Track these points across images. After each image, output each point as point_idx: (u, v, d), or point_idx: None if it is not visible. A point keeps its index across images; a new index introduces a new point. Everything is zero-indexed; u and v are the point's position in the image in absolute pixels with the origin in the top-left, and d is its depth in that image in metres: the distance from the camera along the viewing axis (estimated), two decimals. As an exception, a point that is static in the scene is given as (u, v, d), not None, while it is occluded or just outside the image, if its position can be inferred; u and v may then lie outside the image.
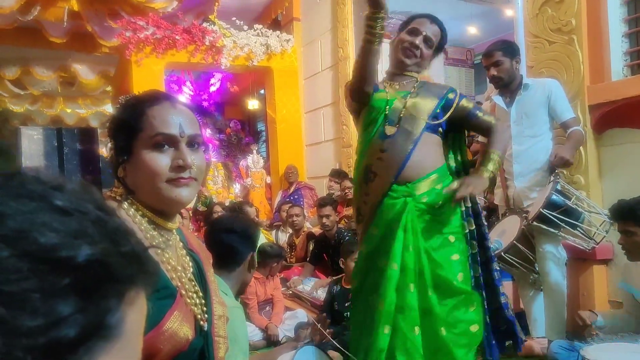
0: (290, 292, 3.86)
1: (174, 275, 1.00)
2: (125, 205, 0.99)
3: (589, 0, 2.86)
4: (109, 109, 9.56)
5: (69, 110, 9.68)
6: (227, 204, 5.83)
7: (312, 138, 6.29)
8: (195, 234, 5.36)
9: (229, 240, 1.90)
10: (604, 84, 2.80)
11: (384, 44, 5.68)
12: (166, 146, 0.98)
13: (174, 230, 1.08)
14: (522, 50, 3.18)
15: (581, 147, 2.84)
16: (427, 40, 1.95)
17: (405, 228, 1.83)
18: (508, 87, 2.75)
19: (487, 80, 3.04)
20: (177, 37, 5.54)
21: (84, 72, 7.57)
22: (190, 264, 1.09)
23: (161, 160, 0.97)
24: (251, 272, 2.10)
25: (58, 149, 9.64)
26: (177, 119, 0.99)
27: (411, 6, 7.17)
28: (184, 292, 1.01)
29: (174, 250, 1.06)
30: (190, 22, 5.72)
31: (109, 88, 8.27)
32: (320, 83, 6.04)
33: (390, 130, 1.91)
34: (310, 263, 4.13)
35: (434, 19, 1.99)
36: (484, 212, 2.89)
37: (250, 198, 6.44)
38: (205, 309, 1.07)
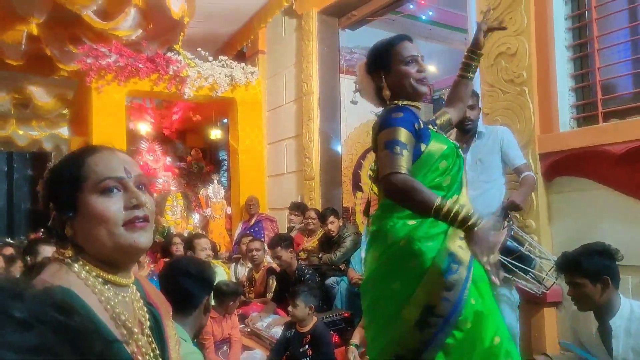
0: (249, 329, 3.80)
1: (130, 340, 0.97)
2: (76, 267, 0.96)
3: (539, 55, 3.05)
4: (64, 132, 9.26)
5: (20, 132, 9.29)
6: (185, 234, 5.73)
7: (274, 169, 6.31)
8: (152, 265, 5.24)
9: (185, 284, 1.89)
10: (553, 134, 2.97)
11: (346, 79, 5.69)
12: (115, 190, 0.97)
13: (131, 284, 1.05)
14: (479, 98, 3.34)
15: (532, 193, 2.97)
16: (422, 60, 1.80)
17: None
18: (467, 133, 2.87)
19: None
20: (140, 65, 5.51)
21: (39, 94, 7.33)
22: (147, 316, 1.07)
23: (114, 204, 0.96)
24: (207, 315, 2.08)
25: (7, 175, 9.20)
26: (119, 162, 1.00)
27: (373, 42, 7.41)
28: (140, 358, 0.97)
29: (131, 307, 1.03)
30: (154, 50, 5.69)
31: (65, 111, 8.05)
32: (284, 115, 6.11)
33: None
34: (273, 301, 4.08)
35: (408, 38, 1.82)
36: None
37: (210, 229, 6.36)
38: None
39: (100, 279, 0.97)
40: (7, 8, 4.91)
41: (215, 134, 7.33)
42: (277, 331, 3.53)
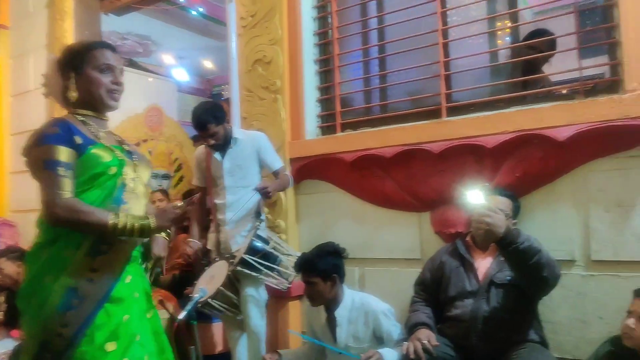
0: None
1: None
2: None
3: (291, 66, 3.26)
4: None
5: None
6: None
7: (20, 164, 5.43)
8: None
9: None
10: (301, 141, 3.21)
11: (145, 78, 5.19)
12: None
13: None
14: (237, 101, 3.42)
15: (283, 195, 3.18)
16: (121, 74, 1.78)
17: None
18: (217, 149, 2.92)
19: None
20: None
21: None
22: None
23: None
24: None
25: None
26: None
27: (149, 31, 7.01)
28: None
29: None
30: None
31: None
32: (32, 103, 5.30)
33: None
34: (5, 324, 3.50)
35: (111, 47, 1.78)
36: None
37: None
38: None
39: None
40: None
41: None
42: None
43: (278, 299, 3.03)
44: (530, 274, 2.03)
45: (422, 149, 2.70)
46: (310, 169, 3.17)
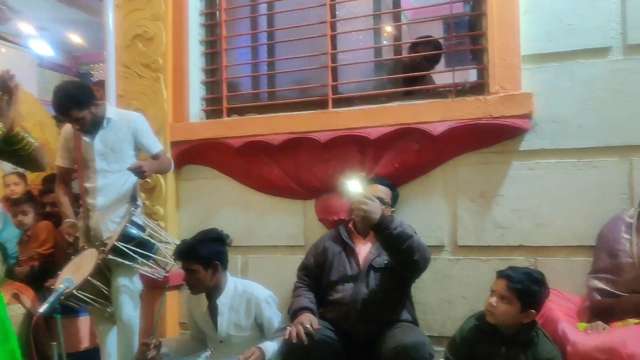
0: None
1: None
2: None
3: (175, 44, 3.09)
4: None
5: None
6: None
7: None
8: None
9: None
10: (184, 124, 3.06)
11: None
12: None
13: None
14: (113, 78, 3.16)
15: (162, 180, 3.01)
16: None
17: None
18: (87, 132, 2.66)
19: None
20: None
21: None
22: None
23: None
24: None
25: None
26: None
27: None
28: None
29: None
30: None
31: None
32: None
33: None
34: None
35: None
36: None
37: None
38: None
39: None
40: None
41: None
42: None
43: (155, 289, 2.86)
44: (403, 258, 2.16)
45: (309, 137, 2.74)
46: (193, 154, 3.04)
